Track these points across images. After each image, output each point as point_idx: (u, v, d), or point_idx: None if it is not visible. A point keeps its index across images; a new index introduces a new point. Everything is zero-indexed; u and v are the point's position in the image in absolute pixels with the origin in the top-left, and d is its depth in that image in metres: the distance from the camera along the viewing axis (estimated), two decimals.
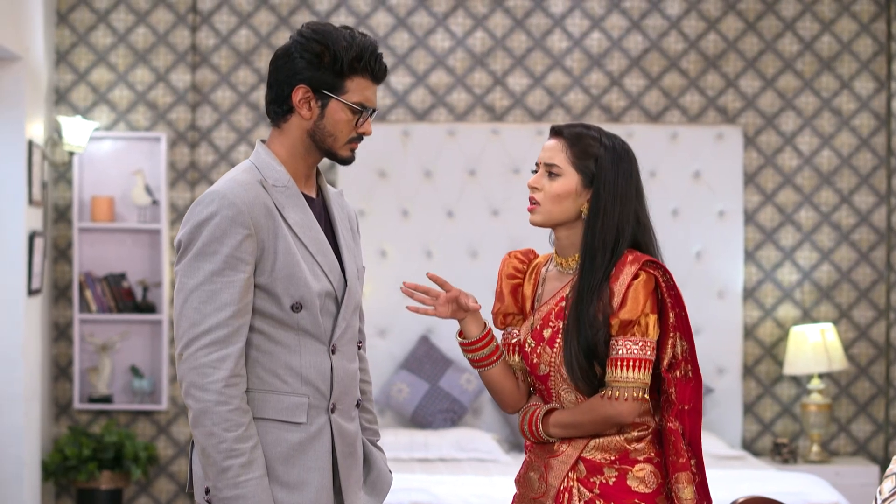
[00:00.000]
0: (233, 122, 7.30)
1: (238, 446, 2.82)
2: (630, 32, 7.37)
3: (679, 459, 3.10)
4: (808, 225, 7.38)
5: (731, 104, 7.37)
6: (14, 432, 6.30)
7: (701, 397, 3.16)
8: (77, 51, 7.27)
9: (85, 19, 7.27)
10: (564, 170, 3.16)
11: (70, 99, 7.23)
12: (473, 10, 7.36)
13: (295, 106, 2.96)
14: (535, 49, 7.37)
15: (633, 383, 3.07)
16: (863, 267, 7.38)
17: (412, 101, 7.34)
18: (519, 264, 3.34)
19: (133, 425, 7.25)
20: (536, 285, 3.30)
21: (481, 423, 7.24)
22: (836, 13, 7.36)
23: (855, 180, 7.38)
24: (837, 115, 7.38)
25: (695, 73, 7.37)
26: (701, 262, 7.30)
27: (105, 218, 7.09)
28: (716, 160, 7.31)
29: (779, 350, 7.35)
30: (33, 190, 6.41)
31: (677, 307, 3.12)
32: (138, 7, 7.28)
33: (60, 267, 7.25)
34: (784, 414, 7.37)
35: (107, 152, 7.20)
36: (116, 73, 7.27)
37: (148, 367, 7.22)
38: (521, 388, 3.30)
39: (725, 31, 7.37)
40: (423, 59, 7.36)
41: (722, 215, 7.30)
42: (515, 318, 3.31)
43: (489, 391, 3.31)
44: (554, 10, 7.37)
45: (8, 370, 6.28)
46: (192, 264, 2.85)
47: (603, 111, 7.34)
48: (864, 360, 7.38)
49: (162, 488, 7.28)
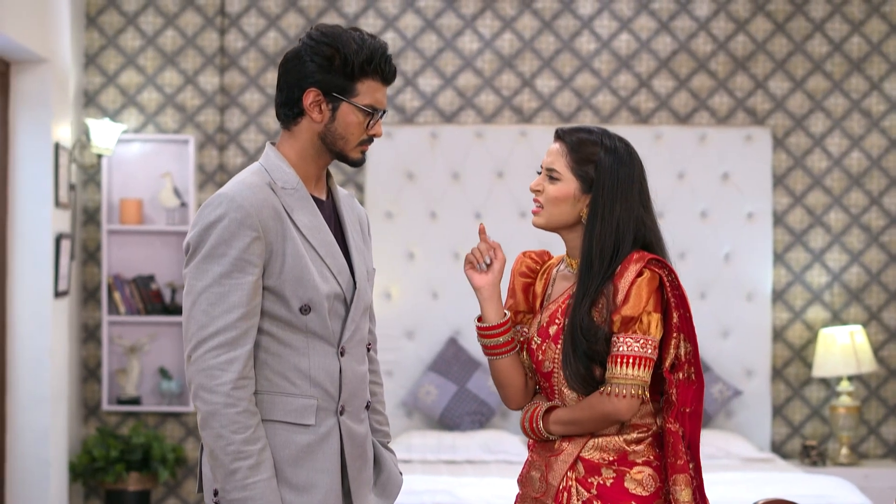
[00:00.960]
0: (261, 125, 7.31)
1: (246, 448, 2.82)
2: (659, 34, 7.35)
3: (677, 461, 3.09)
4: (837, 227, 7.34)
5: (760, 106, 7.34)
6: (40, 433, 6.33)
7: (702, 400, 3.14)
8: (106, 53, 7.30)
9: (114, 22, 7.30)
10: (563, 175, 3.16)
11: (99, 101, 7.26)
12: (501, 12, 7.35)
13: (306, 109, 2.96)
14: (563, 51, 7.36)
15: (633, 380, 3.05)
16: (893, 269, 7.34)
17: (440, 103, 7.34)
18: (532, 264, 3.35)
19: (161, 427, 7.27)
20: (547, 285, 3.30)
21: (509, 426, 7.22)
22: (866, 14, 7.32)
23: (885, 182, 7.34)
24: (867, 116, 7.34)
25: (724, 74, 7.35)
26: (730, 264, 7.27)
27: (134, 220, 7.12)
28: (744, 162, 7.28)
29: (808, 352, 7.31)
30: (60, 192, 6.43)
31: (682, 307, 3.10)
32: (167, 10, 7.30)
33: (89, 269, 7.28)
34: (813, 416, 7.33)
35: (135, 155, 7.23)
36: (145, 75, 7.30)
37: (176, 369, 7.24)
38: (528, 386, 3.30)
39: (754, 33, 7.35)
40: (451, 60, 7.36)
41: (751, 217, 7.27)
42: (525, 316, 3.31)
43: (495, 383, 3.30)
44: (582, 12, 7.35)
45: (35, 371, 6.31)
46: (200, 267, 2.85)
47: (631, 113, 7.33)
48: (893, 362, 7.34)
49: (190, 490, 7.29)
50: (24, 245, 6.32)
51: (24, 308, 6.32)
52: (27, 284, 6.32)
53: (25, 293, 6.32)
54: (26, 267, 6.32)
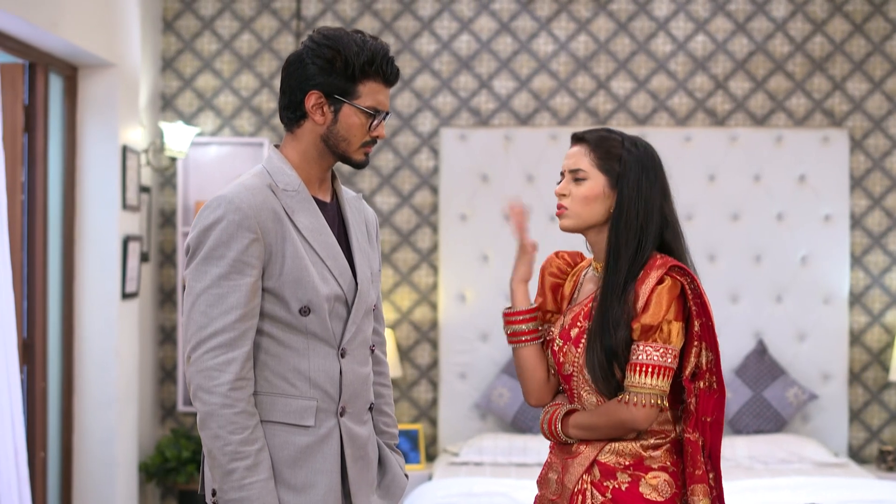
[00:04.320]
0: None
1: (243, 449, 2.84)
2: (735, 35, 7.31)
3: (696, 471, 3.07)
4: None
5: (838, 107, 7.28)
6: (108, 434, 6.37)
7: (723, 410, 3.12)
8: (182, 58, 7.34)
9: (190, 26, 7.34)
10: (590, 173, 3.16)
11: (176, 105, 7.31)
12: (577, 14, 7.33)
13: (308, 111, 2.98)
14: (638, 52, 7.33)
15: (651, 390, 3.04)
16: None
17: (515, 106, 7.33)
18: (563, 265, 3.36)
19: None
20: (575, 287, 3.31)
21: None
22: None
23: None
24: None
25: (801, 75, 7.29)
26: (806, 267, 7.21)
27: None
28: (821, 164, 7.22)
29: (886, 356, 7.25)
30: (128, 195, 6.47)
31: (703, 316, 3.08)
32: (243, 14, 7.33)
33: (166, 271, 7.32)
34: (892, 421, 7.27)
35: (212, 158, 7.26)
36: (221, 79, 7.33)
37: None
38: (550, 382, 3.30)
39: (832, 34, 7.28)
40: (526, 63, 7.35)
41: (828, 219, 7.21)
42: (553, 316, 3.32)
43: (518, 376, 3.32)
44: (658, 14, 7.32)
45: (102, 373, 6.35)
46: (199, 268, 2.88)
47: (707, 114, 7.28)
48: None
49: None
50: (91, 248, 6.35)
51: (91, 310, 6.36)
52: (94, 287, 6.36)
53: (93, 295, 6.36)
54: (93, 269, 6.36)
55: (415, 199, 7.37)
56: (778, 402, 7.01)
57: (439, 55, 7.34)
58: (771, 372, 7.05)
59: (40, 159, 6.01)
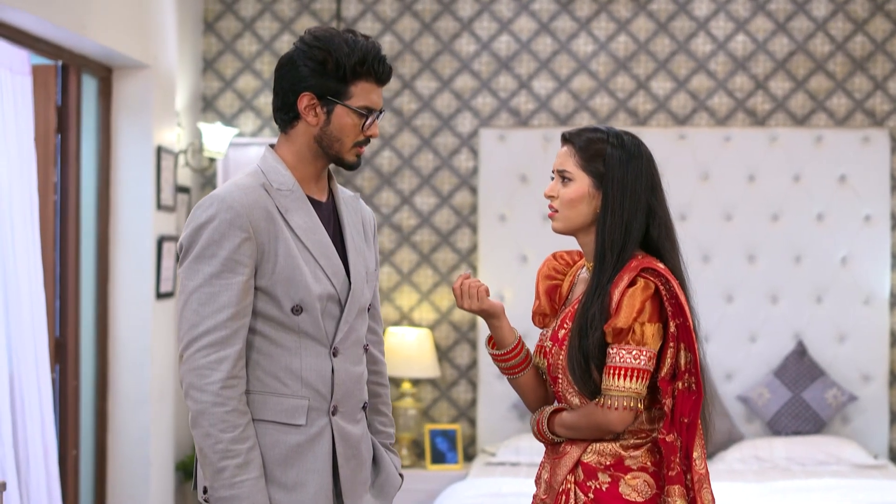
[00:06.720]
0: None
1: (234, 447, 2.86)
2: (775, 35, 7.28)
3: (670, 472, 3.05)
4: None
5: (879, 107, 7.24)
6: (142, 433, 6.41)
7: (699, 412, 3.09)
8: (223, 59, 7.38)
9: (231, 27, 7.38)
10: (575, 174, 3.14)
11: (217, 106, 7.35)
12: (616, 14, 7.32)
13: (301, 113, 2.98)
14: (678, 52, 7.31)
15: (626, 392, 3.02)
16: None
17: (554, 106, 7.33)
18: (560, 265, 3.34)
19: None
20: (570, 287, 3.30)
21: None
22: None
23: None
24: None
25: (842, 75, 7.26)
26: (846, 268, 7.18)
27: None
28: (862, 164, 7.18)
29: None
30: (162, 195, 6.51)
31: (680, 317, 3.04)
32: (283, 15, 7.37)
33: None
34: None
35: (252, 158, 7.28)
36: (262, 80, 7.37)
37: None
38: (550, 391, 3.31)
39: (873, 33, 7.25)
40: (565, 63, 7.35)
41: (868, 220, 7.18)
42: (550, 319, 3.31)
43: (520, 396, 3.33)
44: (698, 13, 7.30)
45: (136, 372, 6.40)
46: (191, 267, 2.89)
47: (747, 114, 7.26)
48: None
49: None
50: (125, 248, 6.39)
51: (125, 310, 6.40)
52: (129, 286, 6.40)
53: (127, 295, 6.40)
54: (128, 269, 6.39)
55: (454, 200, 7.39)
56: (817, 404, 6.99)
57: (479, 56, 7.35)
58: (810, 373, 7.03)
59: (73, 160, 6.05)
